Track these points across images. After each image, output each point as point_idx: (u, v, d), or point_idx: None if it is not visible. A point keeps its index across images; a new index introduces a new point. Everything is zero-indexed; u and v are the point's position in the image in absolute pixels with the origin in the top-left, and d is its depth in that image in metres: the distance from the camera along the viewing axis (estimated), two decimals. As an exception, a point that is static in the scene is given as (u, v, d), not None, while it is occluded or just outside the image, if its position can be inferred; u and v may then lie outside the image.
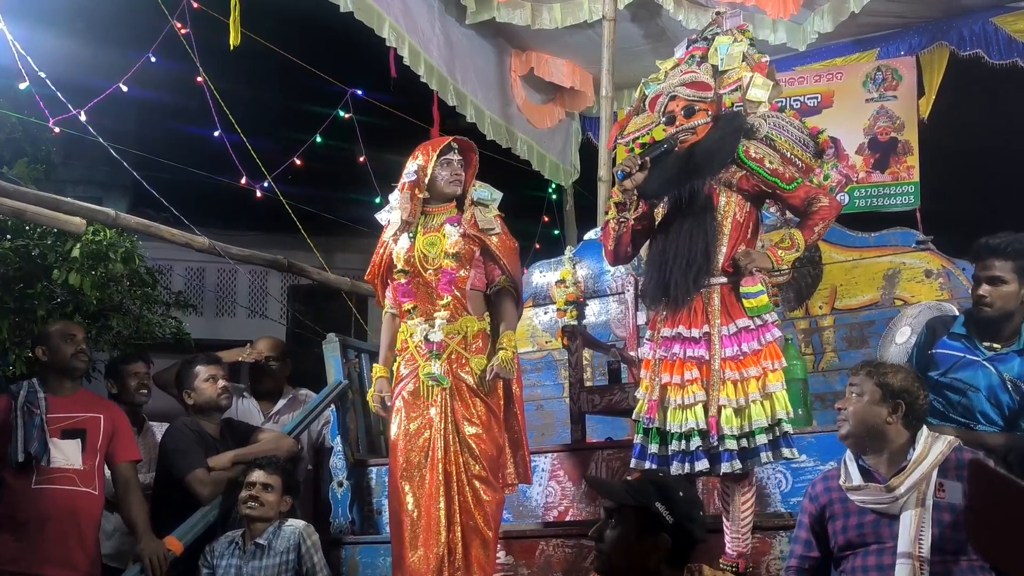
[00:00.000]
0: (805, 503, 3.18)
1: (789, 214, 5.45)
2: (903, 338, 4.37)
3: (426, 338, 3.97)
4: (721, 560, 3.51)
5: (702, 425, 3.36)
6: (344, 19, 6.15)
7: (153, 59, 6.17)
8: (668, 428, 3.44)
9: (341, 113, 7.39)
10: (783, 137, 3.57)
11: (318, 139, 7.40)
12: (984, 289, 3.67)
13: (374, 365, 4.20)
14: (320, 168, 7.31)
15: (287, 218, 6.77)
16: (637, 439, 3.58)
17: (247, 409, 5.28)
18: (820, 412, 4.88)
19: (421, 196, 4.10)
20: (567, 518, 4.51)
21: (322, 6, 6.05)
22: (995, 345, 3.70)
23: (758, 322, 3.45)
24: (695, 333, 3.45)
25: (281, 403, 5.39)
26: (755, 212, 3.63)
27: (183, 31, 6.12)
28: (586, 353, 5.04)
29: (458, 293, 4.05)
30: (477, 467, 3.89)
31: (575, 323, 4.93)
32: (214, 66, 6.35)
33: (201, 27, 6.21)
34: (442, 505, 3.82)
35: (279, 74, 7.99)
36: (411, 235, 4.11)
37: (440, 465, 3.85)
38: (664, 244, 3.54)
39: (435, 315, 3.99)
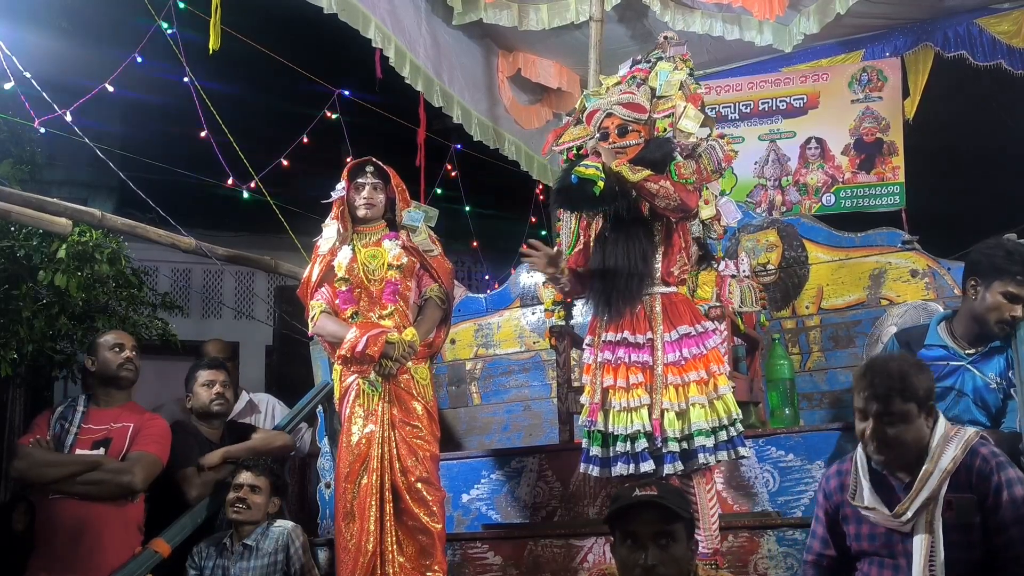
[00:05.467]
0: (820, 498, 3.08)
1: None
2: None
3: None
4: (698, 562, 3.52)
5: (647, 427, 3.43)
6: (331, 19, 6.14)
7: (139, 59, 6.14)
8: (611, 430, 3.50)
9: (329, 114, 7.38)
10: (708, 157, 3.69)
11: (305, 140, 7.38)
12: (1019, 311, 3.55)
13: (350, 334, 3.95)
14: (307, 169, 7.28)
15: (274, 219, 6.75)
16: (584, 443, 3.62)
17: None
18: (807, 411, 4.90)
19: (348, 214, 4.22)
20: (555, 518, 4.52)
21: (309, 7, 6.04)
22: (978, 348, 3.70)
23: (699, 328, 3.55)
24: (639, 339, 3.53)
25: (239, 407, 5.37)
26: (683, 224, 3.68)
27: (169, 31, 6.09)
28: (574, 353, 5.04)
29: (402, 304, 4.15)
30: (419, 469, 3.98)
31: (563, 323, 4.94)
32: (200, 66, 6.32)
33: (187, 27, 6.19)
34: (373, 515, 3.90)
35: (266, 75, 7.95)
36: (351, 247, 4.19)
37: (376, 475, 3.94)
38: (603, 256, 3.63)
39: (379, 323, 4.05)
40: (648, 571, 2.62)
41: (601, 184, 3.44)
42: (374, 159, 4.27)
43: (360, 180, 4.22)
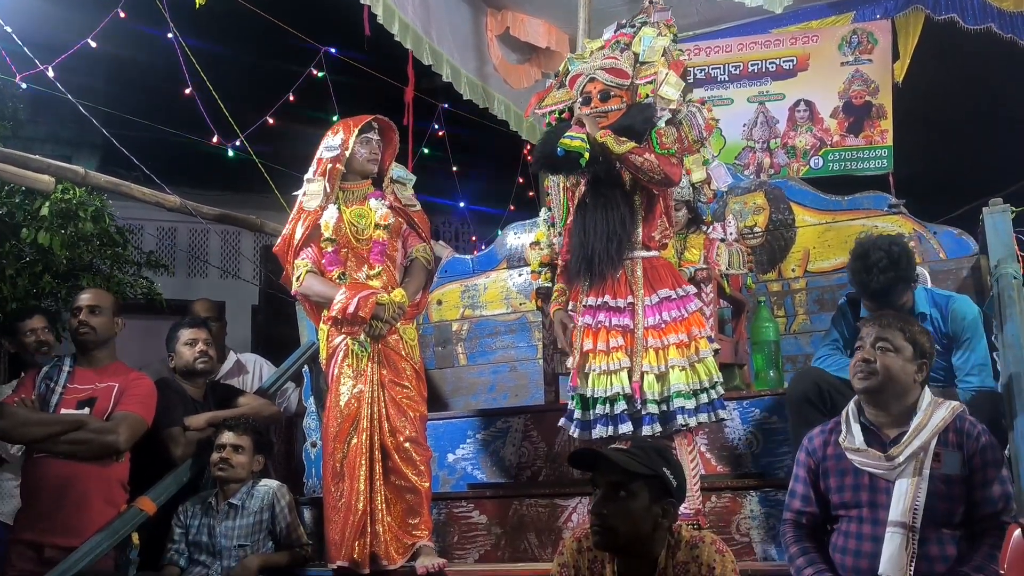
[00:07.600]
0: (801, 456, 3.16)
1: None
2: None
3: None
4: (680, 522, 3.55)
5: (627, 390, 3.46)
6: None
7: (123, 15, 6.05)
8: (592, 393, 3.53)
9: (315, 72, 7.30)
10: (689, 124, 3.76)
11: (291, 98, 7.31)
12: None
13: (339, 295, 3.93)
14: (293, 127, 7.23)
15: (259, 178, 6.71)
16: (569, 405, 3.66)
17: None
18: (792, 374, 4.91)
19: (340, 170, 4.16)
20: (540, 478, 4.54)
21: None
22: None
23: (680, 292, 3.58)
24: (620, 303, 3.55)
25: (226, 367, 5.36)
26: (662, 190, 3.68)
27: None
28: (560, 315, 5.05)
29: (389, 264, 4.15)
30: (409, 429, 4.00)
31: (549, 285, 4.93)
32: (185, 23, 6.24)
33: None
34: (363, 474, 3.92)
35: (252, 32, 7.86)
36: (336, 206, 4.15)
37: (365, 435, 3.95)
38: (584, 221, 3.64)
39: (368, 284, 4.04)
40: (596, 517, 2.67)
41: (587, 156, 3.47)
42: (380, 116, 4.26)
43: (368, 135, 4.20)
